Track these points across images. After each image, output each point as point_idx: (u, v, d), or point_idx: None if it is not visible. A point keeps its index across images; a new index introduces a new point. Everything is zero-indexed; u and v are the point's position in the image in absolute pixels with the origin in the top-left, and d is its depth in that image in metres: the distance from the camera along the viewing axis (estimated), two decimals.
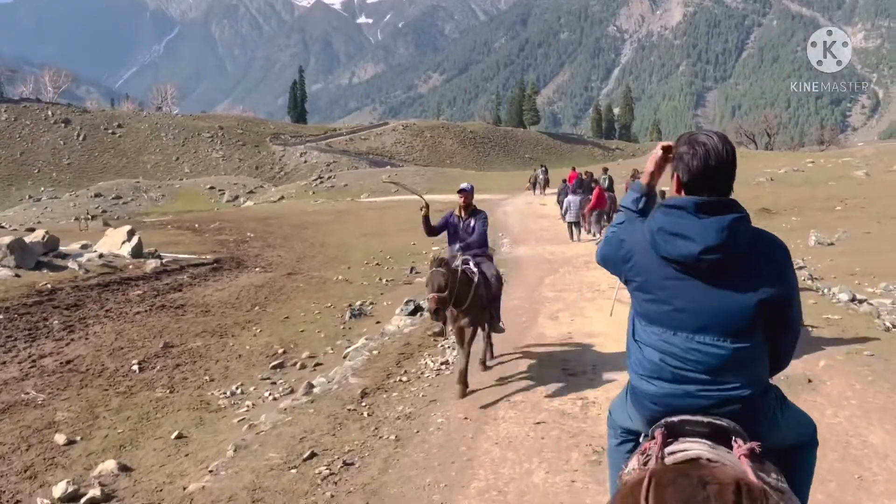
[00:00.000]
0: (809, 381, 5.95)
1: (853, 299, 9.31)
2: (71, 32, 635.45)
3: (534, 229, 21.42)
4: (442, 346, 8.09)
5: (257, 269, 17.57)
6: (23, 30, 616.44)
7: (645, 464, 2.10)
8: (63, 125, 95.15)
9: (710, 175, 2.25)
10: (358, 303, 12.76)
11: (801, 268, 12.08)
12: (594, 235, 18.09)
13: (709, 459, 1.98)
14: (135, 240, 17.42)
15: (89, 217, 35.52)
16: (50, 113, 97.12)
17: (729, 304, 2.22)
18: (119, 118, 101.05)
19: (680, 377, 2.26)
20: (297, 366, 8.98)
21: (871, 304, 9.03)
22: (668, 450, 2.10)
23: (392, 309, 11.68)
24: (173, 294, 14.05)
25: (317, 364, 8.97)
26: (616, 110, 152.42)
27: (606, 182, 20.59)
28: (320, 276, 16.73)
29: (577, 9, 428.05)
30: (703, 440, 2.12)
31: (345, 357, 8.76)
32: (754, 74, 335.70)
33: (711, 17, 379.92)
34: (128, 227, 18.51)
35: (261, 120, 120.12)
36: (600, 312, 9.33)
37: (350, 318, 11.77)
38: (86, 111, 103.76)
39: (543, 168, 35.98)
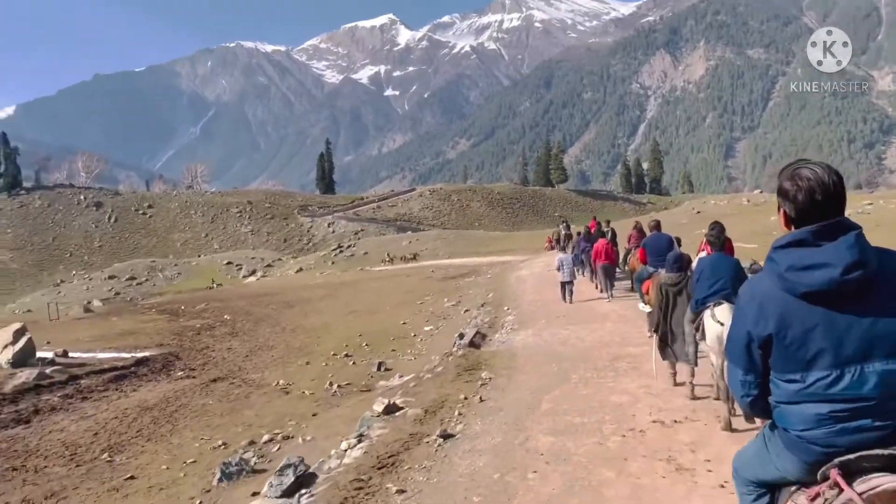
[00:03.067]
0: None
1: None
2: (111, 120, 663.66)
3: (549, 301, 16.79)
4: None
5: (180, 374, 15.18)
6: (64, 120, 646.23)
7: None
8: (95, 208, 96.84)
9: (819, 208, 2.19)
10: (245, 453, 8.84)
11: None
12: (601, 292, 15.99)
13: None
14: (22, 342, 15.51)
15: (54, 303, 33.28)
16: (82, 197, 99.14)
17: (887, 320, 2.14)
18: (149, 199, 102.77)
19: (853, 415, 2.15)
20: None
21: None
22: (856, 489, 2.02)
23: (309, 449, 8.02)
24: (9, 430, 11.26)
25: None
26: (645, 165, 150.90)
27: (609, 235, 18.48)
28: (257, 379, 14.20)
29: (599, 69, 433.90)
30: (886, 473, 2.04)
31: None
32: (783, 123, 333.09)
33: (734, 69, 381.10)
34: (16, 326, 16.44)
35: (289, 193, 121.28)
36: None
37: (220, 481, 7.75)
38: (117, 193, 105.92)
39: (565, 223, 33.48)
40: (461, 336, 12.92)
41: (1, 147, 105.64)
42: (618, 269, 17.43)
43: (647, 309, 9.89)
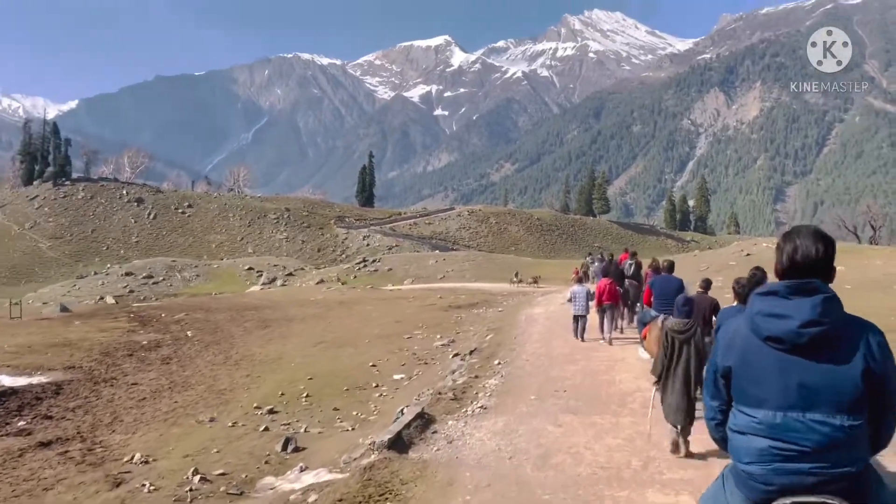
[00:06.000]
0: None
1: None
2: (168, 120, 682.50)
3: (555, 357, 12.78)
4: None
5: (21, 424, 11.72)
6: (123, 117, 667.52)
7: None
8: (136, 204, 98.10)
9: (799, 268, 2.50)
10: None
11: None
12: (603, 336, 14.36)
13: None
14: None
15: (17, 302, 31.28)
16: (125, 192, 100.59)
17: (835, 379, 2.36)
18: (190, 198, 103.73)
19: (790, 457, 2.35)
20: None
21: None
22: None
23: None
24: None
25: None
26: (691, 202, 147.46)
27: (632, 269, 16.93)
28: (104, 452, 10.05)
29: (651, 103, 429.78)
30: None
31: None
32: (836, 170, 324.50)
33: (790, 113, 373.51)
34: None
35: (327, 203, 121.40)
36: None
37: None
38: (159, 191, 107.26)
39: (596, 254, 30.64)
40: (400, 413, 8.71)
41: (52, 138, 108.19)
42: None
43: (646, 356, 8.59)
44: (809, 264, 2.47)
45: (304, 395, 13.19)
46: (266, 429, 10.81)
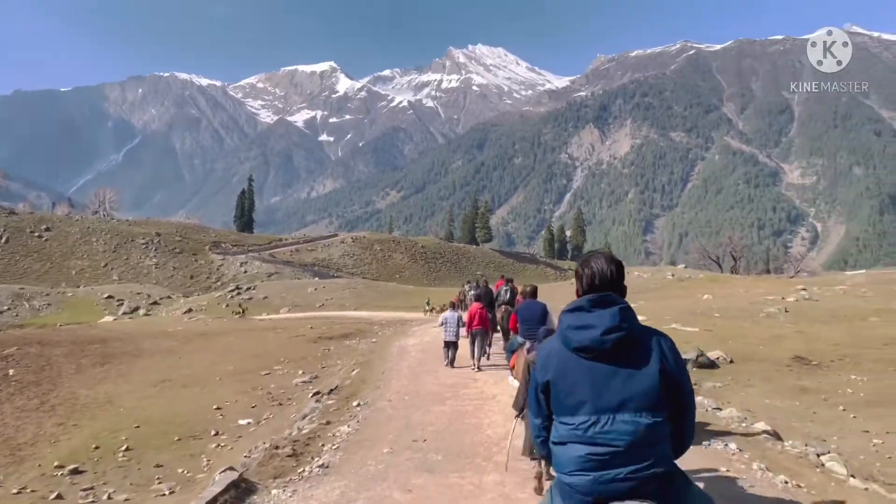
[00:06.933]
0: None
1: None
2: (27, 138, 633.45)
3: (421, 395, 11.66)
4: None
5: None
6: None
7: None
8: None
9: (597, 289, 2.81)
10: None
11: None
12: (473, 362, 14.24)
13: None
14: None
15: None
16: None
17: (638, 380, 2.61)
18: (48, 221, 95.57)
19: (606, 463, 2.54)
20: None
21: None
22: None
23: None
24: None
25: None
26: (568, 232, 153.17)
27: (507, 295, 16.82)
28: None
29: (531, 136, 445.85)
30: None
31: None
32: (699, 204, 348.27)
33: (658, 150, 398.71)
34: None
35: (202, 227, 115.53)
36: None
37: None
38: (13, 212, 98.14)
39: (472, 283, 29.24)
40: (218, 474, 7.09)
41: None
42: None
43: (516, 384, 8.18)
44: (605, 284, 2.79)
45: (124, 447, 11.02)
46: (58, 496, 8.64)
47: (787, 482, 6.44)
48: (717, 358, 16.47)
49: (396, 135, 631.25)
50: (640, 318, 2.80)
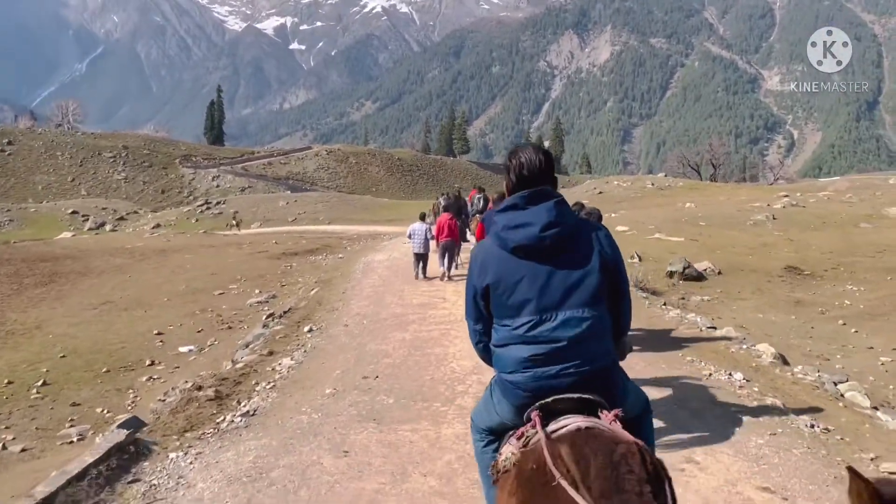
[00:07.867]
0: None
1: None
2: None
3: (381, 319, 10.44)
4: None
5: None
6: None
7: (525, 445, 2.26)
8: None
9: (528, 181, 2.66)
10: None
11: None
12: (441, 271, 14.24)
13: (588, 428, 2.17)
14: None
15: None
16: None
17: (579, 275, 2.55)
18: (10, 135, 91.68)
19: (548, 359, 2.48)
20: None
21: None
22: (548, 428, 2.27)
23: None
24: None
25: None
26: (546, 143, 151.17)
27: (480, 203, 16.62)
28: None
29: (509, 43, 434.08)
30: (577, 414, 2.32)
31: None
32: (678, 113, 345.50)
33: (637, 57, 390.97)
34: None
35: (171, 140, 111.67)
36: None
37: None
38: None
39: (445, 195, 27.51)
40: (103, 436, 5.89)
41: None
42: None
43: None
44: (535, 174, 2.65)
45: (41, 382, 9.60)
46: None
47: (813, 426, 5.42)
48: (705, 269, 15.90)
49: (370, 42, 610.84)
50: (621, 228, 2.17)
